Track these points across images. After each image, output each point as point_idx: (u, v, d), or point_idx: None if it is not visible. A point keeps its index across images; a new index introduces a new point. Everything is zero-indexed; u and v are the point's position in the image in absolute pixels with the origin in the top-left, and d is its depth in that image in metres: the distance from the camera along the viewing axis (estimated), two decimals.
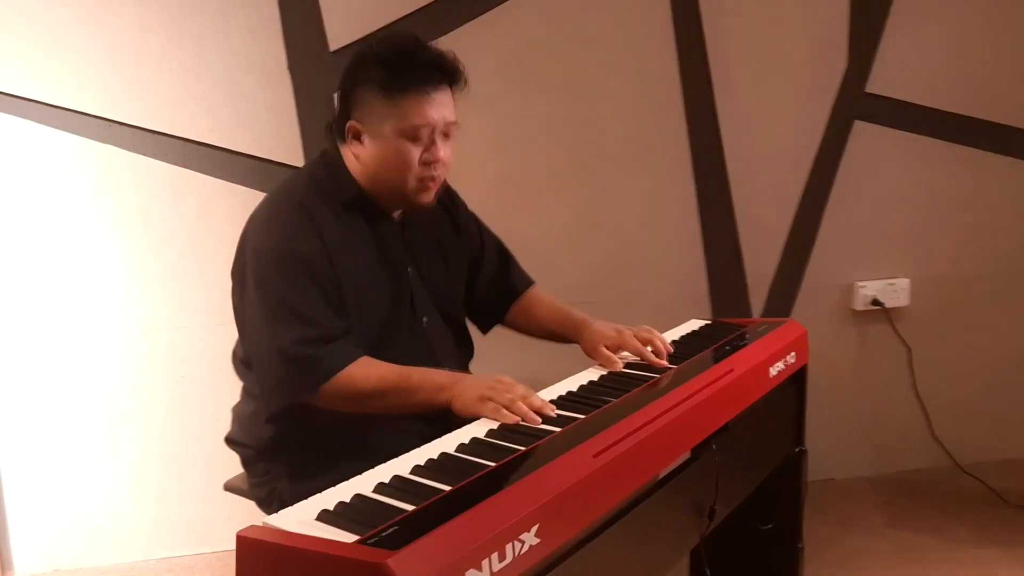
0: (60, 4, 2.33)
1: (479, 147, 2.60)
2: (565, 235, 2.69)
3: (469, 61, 2.53)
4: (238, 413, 1.71)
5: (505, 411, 1.36)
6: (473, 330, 1.88)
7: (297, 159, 2.49)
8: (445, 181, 1.79)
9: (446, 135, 1.55)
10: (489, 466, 1.18)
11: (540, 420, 1.35)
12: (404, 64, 1.48)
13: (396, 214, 1.64)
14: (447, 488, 1.11)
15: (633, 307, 2.68)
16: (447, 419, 1.43)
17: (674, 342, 1.78)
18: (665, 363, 1.61)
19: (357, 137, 1.55)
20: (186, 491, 2.57)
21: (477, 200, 2.24)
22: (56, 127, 2.38)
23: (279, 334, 1.47)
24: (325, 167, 1.61)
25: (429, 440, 1.30)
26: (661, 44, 2.63)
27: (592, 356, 1.67)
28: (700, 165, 2.72)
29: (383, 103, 1.49)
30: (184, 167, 2.46)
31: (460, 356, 1.77)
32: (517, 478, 1.12)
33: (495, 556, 0.99)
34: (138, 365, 2.52)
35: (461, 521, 1.00)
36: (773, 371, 1.71)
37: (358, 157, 1.56)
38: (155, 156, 2.44)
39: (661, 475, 1.39)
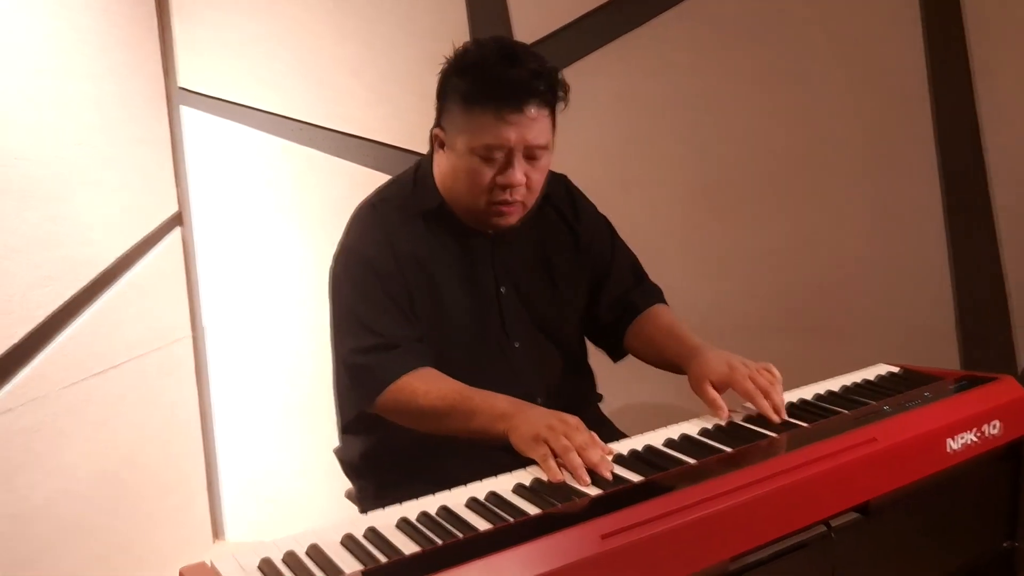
0: (268, 17, 2.48)
1: (674, 152, 2.36)
2: (774, 250, 2.35)
3: (662, 56, 2.34)
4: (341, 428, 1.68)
5: (553, 462, 1.17)
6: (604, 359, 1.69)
7: None
8: (572, 193, 1.63)
9: (531, 157, 1.38)
10: (477, 531, 1.00)
11: (589, 480, 1.13)
12: (487, 77, 1.34)
13: (490, 231, 1.50)
14: (409, 552, 0.96)
15: (848, 339, 2.27)
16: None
17: (830, 392, 1.44)
18: (778, 417, 1.31)
19: (441, 145, 1.45)
20: None
21: (671, 211, 2.01)
22: (264, 130, 2.53)
23: (343, 342, 1.44)
24: (415, 173, 1.53)
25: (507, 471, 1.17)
26: (901, 21, 2.19)
27: (697, 393, 1.39)
28: (950, 171, 2.23)
29: (461, 115, 1.37)
30: (376, 170, 2.50)
31: (564, 384, 1.58)
32: (493, 551, 0.93)
33: None
34: (316, 358, 2.61)
35: None
36: (955, 444, 1.31)
37: (439, 167, 1.46)
38: (349, 159, 2.51)
39: (737, 564, 1.10)
